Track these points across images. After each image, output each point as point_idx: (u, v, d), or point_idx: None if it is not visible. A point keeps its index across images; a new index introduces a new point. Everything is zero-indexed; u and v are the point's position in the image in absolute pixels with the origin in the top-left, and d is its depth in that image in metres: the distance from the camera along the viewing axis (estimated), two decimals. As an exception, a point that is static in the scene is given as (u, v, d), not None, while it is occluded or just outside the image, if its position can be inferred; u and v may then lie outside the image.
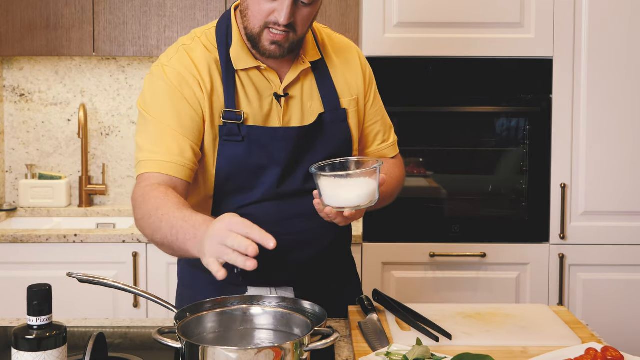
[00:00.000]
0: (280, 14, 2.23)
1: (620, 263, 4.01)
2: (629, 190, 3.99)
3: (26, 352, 1.74)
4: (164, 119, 2.34)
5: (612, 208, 4.00)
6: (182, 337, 1.88)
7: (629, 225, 4.00)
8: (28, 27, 4.34)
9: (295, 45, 2.36)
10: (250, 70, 2.41)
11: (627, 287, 4.02)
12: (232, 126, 2.37)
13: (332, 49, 2.58)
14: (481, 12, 3.93)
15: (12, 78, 4.84)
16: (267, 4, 2.24)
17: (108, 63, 4.83)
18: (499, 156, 4.06)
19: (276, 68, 2.44)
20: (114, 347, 2.24)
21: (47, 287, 1.78)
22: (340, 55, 2.58)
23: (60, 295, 3.01)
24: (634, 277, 4.02)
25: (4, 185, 4.86)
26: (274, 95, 2.43)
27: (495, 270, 4.03)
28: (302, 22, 2.31)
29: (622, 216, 4.00)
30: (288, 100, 2.45)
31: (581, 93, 3.96)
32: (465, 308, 2.50)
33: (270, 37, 2.30)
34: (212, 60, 2.41)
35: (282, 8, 2.22)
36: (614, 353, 2.01)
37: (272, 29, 2.28)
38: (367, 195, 2.18)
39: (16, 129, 4.86)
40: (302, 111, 2.47)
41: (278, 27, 2.27)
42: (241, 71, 2.41)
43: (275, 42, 2.30)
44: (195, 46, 2.43)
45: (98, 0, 4.33)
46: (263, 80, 2.43)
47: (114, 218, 4.69)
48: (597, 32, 3.92)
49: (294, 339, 1.96)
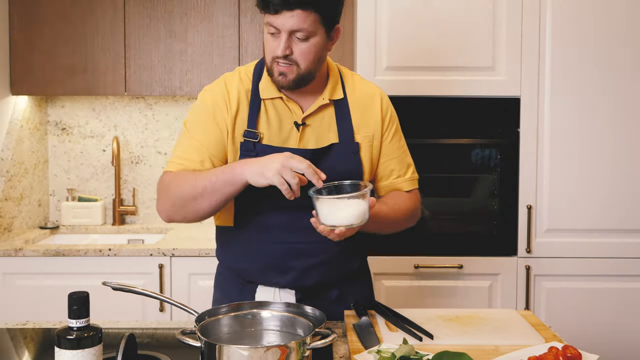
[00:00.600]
0: (278, 48, 2.33)
1: (578, 274, 4.01)
2: (585, 211, 3.99)
3: (67, 350, 1.74)
4: (195, 134, 2.48)
5: (572, 226, 4.00)
6: (202, 337, 1.89)
7: (586, 241, 4.00)
8: (69, 71, 4.35)
9: (303, 79, 2.41)
10: (275, 99, 2.49)
11: (584, 294, 4.01)
12: (249, 143, 2.45)
13: (358, 92, 2.61)
14: (459, 57, 3.94)
15: (55, 114, 4.85)
16: (273, 42, 2.37)
17: (137, 101, 4.84)
18: (473, 181, 4.06)
19: (299, 100, 2.51)
20: (143, 346, 2.24)
21: (85, 294, 1.78)
22: (364, 98, 2.60)
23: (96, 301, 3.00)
24: (590, 286, 4.01)
25: (48, 207, 4.87)
26: (294, 123, 2.48)
27: (470, 280, 4.03)
28: (303, 56, 2.37)
29: (580, 233, 4.00)
30: (305, 128, 2.49)
31: (544, 127, 3.96)
32: (445, 312, 2.49)
33: (278, 69, 2.38)
34: (244, 89, 2.51)
35: (279, 43, 2.33)
36: (573, 351, 2.01)
37: (279, 62, 2.37)
38: (357, 215, 2.19)
39: (59, 158, 4.87)
40: (317, 139, 2.50)
41: (280, 60, 2.36)
42: (267, 100, 2.49)
43: (281, 73, 2.39)
44: (233, 78, 2.55)
45: (129, 47, 4.34)
46: (285, 109, 2.49)
47: (142, 235, 4.70)
48: (558, 75, 3.93)
49: (297, 338, 1.97)
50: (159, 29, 4.34)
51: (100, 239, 4.65)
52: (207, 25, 4.33)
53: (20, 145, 4.42)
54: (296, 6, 2.27)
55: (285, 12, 2.28)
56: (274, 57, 2.37)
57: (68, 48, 4.35)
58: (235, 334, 2.10)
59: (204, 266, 3.99)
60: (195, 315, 2.08)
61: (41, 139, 4.75)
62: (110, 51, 4.35)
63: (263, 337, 2.12)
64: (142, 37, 4.34)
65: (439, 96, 3.95)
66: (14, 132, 4.36)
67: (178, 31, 4.34)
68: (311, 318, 2.11)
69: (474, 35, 3.93)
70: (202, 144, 2.45)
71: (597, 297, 4.02)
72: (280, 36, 2.33)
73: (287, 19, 2.29)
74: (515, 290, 4.02)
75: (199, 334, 1.91)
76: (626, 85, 3.94)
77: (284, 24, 2.30)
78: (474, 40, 3.94)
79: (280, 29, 2.31)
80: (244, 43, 4.33)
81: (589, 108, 3.95)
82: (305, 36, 2.33)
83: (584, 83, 3.94)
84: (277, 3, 2.27)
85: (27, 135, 4.53)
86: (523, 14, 3.92)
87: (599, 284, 4.02)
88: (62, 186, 4.88)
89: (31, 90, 4.39)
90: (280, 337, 2.11)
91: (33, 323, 2.52)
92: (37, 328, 2.46)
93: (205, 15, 4.33)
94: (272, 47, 2.37)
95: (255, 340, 2.11)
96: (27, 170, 4.52)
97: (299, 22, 2.30)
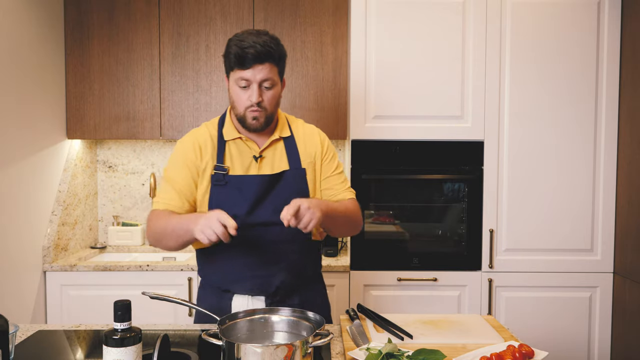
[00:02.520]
0: (253, 96, 2.43)
1: (532, 285, 4.00)
2: (537, 234, 4.00)
3: (113, 348, 1.75)
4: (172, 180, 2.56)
5: (526, 246, 4.00)
6: (223, 337, 1.89)
7: (537, 258, 4.00)
8: (115, 119, 4.37)
9: (269, 120, 2.53)
10: (235, 140, 2.57)
11: (536, 302, 4.00)
12: (219, 175, 2.51)
13: (301, 131, 2.67)
14: (433, 108, 3.96)
15: (103, 155, 4.86)
16: (244, 94, 2.47)
17: (171, 144, 4.85)
18: (445, 209, 4.06)
19: (255, 139, 2.59)
20: (175, 344, 2.24)
21: (127, 301, 1.79)
22: (306, 134, 2.67)
23: (136, 308, 3.01)
24: (541, 295, 4.00)
25: (97, 230, 4.87)
26: (253, 157, 2.55)
27: (443, 290, 4.02)
28: (269, 102, 2.49)
29: (532, 252, 4.00)
30: (262, 160, 2.56)
31: (504, 165, 3.98)
32: (422, 317, 2.49)
33: (251, 115, 2.48)
34: (209, 135, 2.60)
35: (252, 93, 2.43)
36: (527, 348, 2.01)
37: (250, 109, 2.47)
38: None
39: (106, 190, 4.88)
40: (272, 168, 2.56)
41: (253, 107, 2.46)
42: (230, 141, 2.57)
43: (254, 118, 2.48)
44: (200, 129, 2.65)
45: (164, 100, 4.36)
46: (245, 147, 2.57)
47: (174, 253, 4.67)
48: (515, 122, 3.95)
49: (301, 338, 1.97)
50: (188, 85, 4.37)
51: (140, 257, 4.64)
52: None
53: (74, 180, 4.43)
54: (265, 60, 2.41)
55: (256, 66, 2.41)
56: (248, 106, 2.46)
57: (114, 100, 4.37)
58: (250, 335, 2.10)
59: (225, 279, 4.00)
60: (218, 320, 2.09)
61: (91, 175, 4.76)
62: (148, 103, 4.37)
63: (273, 337, 2.12)
64: (174, 91, 4.37)
65: (416, 139, 3.96)
66: (70, 169, 4.38)
67: (204, 86, 4.36)
68: (313, 321, 2.11)
69: (446, 91, 3.96)
70: (180, 189, 2.53)
71: (546, 304, 4.01)
72: (251, 87, 2.44)
73: (258, 72, 2.42)
74: (479, 299, 4.01)
75: (221, 335, 1.92)
76: (571, 135, 3.97)
77: (255, 75, 2.42)
78: (446, 94, 3.96)
79: (252, 80, 2.42)
80: (258, 96, 4.34)
81: (542, 150, 3.97)
82: (271, 84, 2.46)
83: (536, 130, 3.97)
84: (251, 59, 2.39)
85: (80, 172, 4.54)
86: (486, 74, 3.95)
87: (547, 293, 4.01)
88: (108, 213, 4.89)
89: (83, 134, 4.40)
90: (287, 337, 2.11)
91: (85, 325, 2.52)
92: (88, 330, 2.45)
93: (226, 74, 4.36)
94: (243, 98, 2.47)
95: (267, 340, 2.11)
96: (80, 200, 4.53)
97: (267, 73, 2.43)
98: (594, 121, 3.98)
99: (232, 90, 2.50)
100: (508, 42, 3.94)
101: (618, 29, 3.94)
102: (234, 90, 2.48)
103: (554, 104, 3.96)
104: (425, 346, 2.10)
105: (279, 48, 2.48)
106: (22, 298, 3.81)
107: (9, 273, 3.66)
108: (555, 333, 4.02)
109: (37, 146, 3.99)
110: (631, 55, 3.84)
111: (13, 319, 3.52)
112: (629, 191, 3.85)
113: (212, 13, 4.34)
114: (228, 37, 4.32)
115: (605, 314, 4.03)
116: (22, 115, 3.81)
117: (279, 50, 2.47)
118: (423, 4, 3.96)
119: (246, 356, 1.82)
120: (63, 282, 4.03)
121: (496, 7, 3.93)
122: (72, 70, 4.36)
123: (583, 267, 4.02)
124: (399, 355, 1.96)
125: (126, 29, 4.35)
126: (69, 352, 2.26)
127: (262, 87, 2.45)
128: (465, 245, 4.03)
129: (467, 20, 3.95)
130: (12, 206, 3.69)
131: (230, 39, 2.47)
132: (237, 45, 2.41)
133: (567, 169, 3.99)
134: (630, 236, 3.84)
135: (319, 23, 4.32)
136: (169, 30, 4.34)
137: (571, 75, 3.96)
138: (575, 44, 3.95)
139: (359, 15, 3.96)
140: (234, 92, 2.49)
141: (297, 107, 4.31)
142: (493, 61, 3.94)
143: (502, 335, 2.29)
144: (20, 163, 3.78)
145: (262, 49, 2.39)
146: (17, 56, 3.76)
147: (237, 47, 2.41)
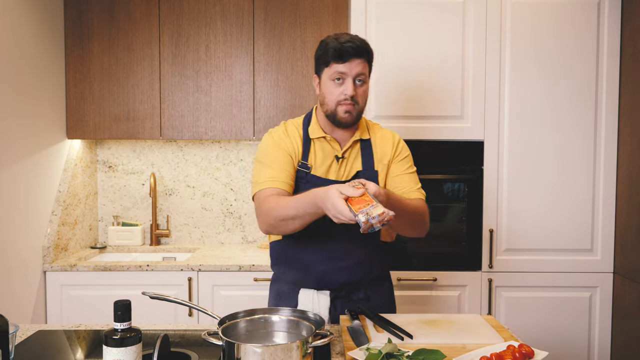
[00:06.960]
0: (348, 90, 2.50)
1: (531, 285, 4.00)
2: (536, 234, 4.00)
3: (113, 348, 1.75)
4: (271, 163, 2.59)
5: (526, 246, 4.00)
6: (223, 337, 1.89)
7: (537, 259, 4.00)
8: (114, 119, 4.37)
9: (359, 115, 2.60)
10: (319, 139, 2.64)
11: (536, 301, 4.00)
12: (302, 172, 2.60)
13: (378, 134, 2.75)
14: (433, 108, 3.95)
15: (103, 155, 4.87)
16: (337, 88, 2.53)
17: (170, 144, 4.85)
18: (446, 209, 4.06)
19: (338, 139, 2.66)
20: (175, 344, 2.24)
21: (127, 301, 1.79)
22: (382, 138, 2.74)
23: (136, 308, 3.01)
24: (541, 295, 4.00)
25: (97, 230, 4.87)
26: (335, 157, 2.63)
27: (443, 290, 4.02)
28: (361, 97, 2.57)
29: (532, 252, 4.00)
30: (343, 161, 2.64)
31: (504, 165, 3.98)
32: (422, 317, 2.48)
33: (343, 108, 2.54)
34: (297, 132, 2.67)
35: (347, 87, 2.51)
36: (527, 348, 2.01)
37: (344, 102, 2.52)
38: None
39: (106, 190, 4.88)
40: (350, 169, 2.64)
41: (347, 100, 2.51)
42: (315, 139, 2.64)
43: (347, 112, 2.54)
44: (287, 125, 2.72)
45: (164, 100, 4.37)
46: (328, 147, 2.65)
47: (174, 253, 4.69)
48: (515, 122, 3.95)
49: (301, 338, 1.97)
50: (188, 85, 4.37)
51: (140, 257, 4.65)
52: (227, 82, 4.36)
53: (74, 180, 4.43)
54: (362, 55, 2.50)
55: (353, 60, 2.49)
56: (341, 100, 2.53)
57: (113, 100, 4.37)
58: (250, 334, 2.10)
59: (225, 279, 4.00)
60: (218, 319, 2.08)
61: (91, 175, 4.77)
62: (148, 103, 4.37)
63: (273, 337, 2.12)
64: (174, 91, 4.37)
65: (417, 139, 3.96)
66: (69, 170, 4.38)
67: (204, 87, 4.37)
68: (313, 321, 2.11)
69: (446, 91, 3.96)
70: (278, 165, 2.58)
71: (546, 304, 4.01)
72: (346, 81, 2.51)
73: (354, 66, 2.50)
74: (479, 299, 4.01)
75: (221, 335, 1.91)
76: (571, 136, 3.97)
77: (351, 69, 2.50)
78: (445, 94, 3.96)
79: (348, 73, 2.50)
80: (257, 96, 4.34)
81: (542, 149, 3.97)
82: (363, 80, 2.54)
83: (535, 129, 3.97)
84: (351, 53, 2.48)
85: (80, 172, 4.54)
86: (486, 75, 3.95)
87: (547, 293, 4.01)
88: (108, 213, 4.89)
89: (83, 135, 4.40)
90: (287, 337, 2.11)
91: (85, 325, 2.52)
92: (88, 329, 2.45)
93: (226, 74, 4.36)
94: (336, 92, 2.53)
95: (267, 340, 2.11)
96: (80, 200, 4.53)
97: (362, 68, 2.52)
98: (594, 121, 3.98)
99: (324, 86, 2.58)
100: (508, 42, 3.94)
101: (618, 29, 3.94)
102: (327, 86, 2.56)
103: (554, 104, 3.96)
104: (425, 346, 2.10)
105: (370, 48, 2.58)
106: (22, 298, 3.81)
107: (9, 273, 3.66)
108: (555, 333, 4.02)
109: (37, 146, 3.99)
110: (631, 55, 3.84)
111: (13, 319, 3.52)
112: (629, 191, 3.85)
113: (212, 13, 4.34)
114: (228, 37, 4.32)
115: (605, 314, 4.03)
116: (22, 115, 3.81)
117: (371, 49, 2.58)
118: (423, 4, 3.96)
119: (246, 356, 1.81)
120: (63, 282, 4.03)
121: (496, 7, 3.93)
122: (72, 70, 4.36)
123: (583, 267, 4.02)
124: (399, 355, 1.96)
125: (126, 29, 4.35)
126: (69, 352, 2.26)
127: (355, 82, 2.53)
128: (465, 245, 4.03)
129: (467, 20, 3.95)
130: (12, 206, 3.69)
131: (324, 39, 2.58)
132: (336, 40, 2.51)
133: (567, 169, 3.99)
134: (630, 236, 3.83)
135: (319, 23, 4.32)
136: (169, 30, 4.34)
137: (571, 76, 3.96)
138: (575, 44, 3.95)
139: (359, 15, 3.96)
140: (326, 87, 2.57)
141: (297, 107, 4.31)
142: (493, 61, 3.94)
143: (502, 335, 2.28)
144: (20, 163, 3.78)
145: (360, 44, 2.50)
146: (17, 56, 3.76)
147: (336, 42, 2.50)
